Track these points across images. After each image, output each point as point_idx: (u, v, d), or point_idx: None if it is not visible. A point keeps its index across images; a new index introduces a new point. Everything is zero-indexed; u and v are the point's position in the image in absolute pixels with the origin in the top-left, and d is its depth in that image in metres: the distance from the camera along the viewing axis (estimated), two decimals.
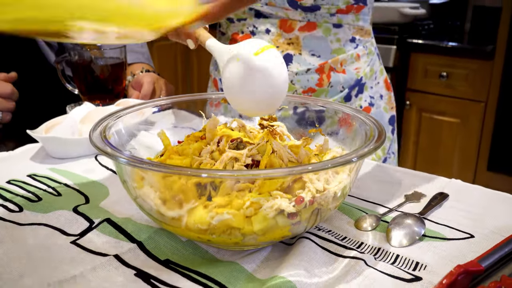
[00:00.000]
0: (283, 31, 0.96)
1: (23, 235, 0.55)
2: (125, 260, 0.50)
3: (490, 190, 0.67)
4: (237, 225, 0.47)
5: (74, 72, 1.03)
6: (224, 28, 1.04)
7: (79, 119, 0.80)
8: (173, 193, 0.48)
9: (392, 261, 0.52)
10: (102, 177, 0.71)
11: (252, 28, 0.98)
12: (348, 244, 0.54)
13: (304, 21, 0.94)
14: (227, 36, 1.03)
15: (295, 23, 0.94)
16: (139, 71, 1.13)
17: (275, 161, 0.53)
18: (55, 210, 0.60)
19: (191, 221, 0.47)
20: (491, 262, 0.46)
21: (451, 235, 0.57)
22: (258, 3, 0.94)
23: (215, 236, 0.48)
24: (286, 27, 0.95)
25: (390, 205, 0.64)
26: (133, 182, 0.50)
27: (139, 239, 0.53)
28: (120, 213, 0.60)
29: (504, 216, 0.61)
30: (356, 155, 0.48)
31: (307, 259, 0.50)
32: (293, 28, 0.95)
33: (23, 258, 0.50)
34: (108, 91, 1.04)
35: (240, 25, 0.99)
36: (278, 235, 0.50)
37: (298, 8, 0.93)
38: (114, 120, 0.58)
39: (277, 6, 0.94)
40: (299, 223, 0.50)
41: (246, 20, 0.98)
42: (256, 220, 0.47)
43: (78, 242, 0.54)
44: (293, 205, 0.48)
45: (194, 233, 0.49)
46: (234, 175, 0.47)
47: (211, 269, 0.48)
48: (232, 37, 1.01)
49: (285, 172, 0.45)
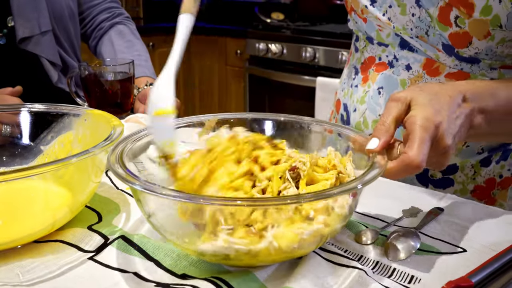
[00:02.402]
0: (426, 73, 0.80)
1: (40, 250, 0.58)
2: (144, 277, 0.54)
3: (483, 205, 0.71)
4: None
5: (84, 86, 1.07)
6: (361, 45, 0.90)
7: None
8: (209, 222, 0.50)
9: (389, 274, 0.55)
10: (112, 193, 0.74)
11: (392, 58, 0.83)
12: (350, 256, 0.58)
13: (455, 69, 0.78)
14: (361, 55, 0.90)
15: (443, 68, 0.79)
16: (144, 85, 1.17)
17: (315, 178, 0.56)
18: (68, 229, 0.63)
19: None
20: (481, 278, 0.50)
21: (445, 249, 0.60)
22: (407, 32, 0.79)
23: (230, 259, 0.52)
24: (432, 69, 0.80)
25: (388, 219, 0.67)
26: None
27: (156, 258, 0.57)
28: (133, 229, 0.63)
29: (496, 231, 0.64)
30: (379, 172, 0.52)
31: (313, 270, 0.53)
32: (439, 72, 0.79)
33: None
34: (117, 105, 1.08)
35: (380, 50, 0.85)
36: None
37: (453, 55, 0.77)
38: (131, 144, 0.61)
39: (428, 43, 0.78)
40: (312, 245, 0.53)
41: (388, 47, 0.84)
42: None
43: (95, 258, 0.58)
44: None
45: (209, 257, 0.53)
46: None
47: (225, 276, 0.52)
48: (368, 61, 0.88)
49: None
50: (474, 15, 0.70)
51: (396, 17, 0.79)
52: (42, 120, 0.74)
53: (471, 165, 0.83)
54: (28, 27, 1.15)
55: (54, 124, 0.73)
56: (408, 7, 0.77)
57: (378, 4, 0.81)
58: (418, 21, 0.77)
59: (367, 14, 0.83)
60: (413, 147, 0.53)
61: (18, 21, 1.14)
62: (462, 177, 0.84)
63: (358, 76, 0.89)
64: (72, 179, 0.62)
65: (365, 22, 0.84)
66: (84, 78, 1.06)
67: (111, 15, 1.38)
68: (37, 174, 0.54)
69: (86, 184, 0.63)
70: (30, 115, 0.75)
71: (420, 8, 0.76)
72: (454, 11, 0.71)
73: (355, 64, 0.91)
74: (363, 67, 0.88)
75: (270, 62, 2.75)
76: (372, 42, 0.86)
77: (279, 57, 2.69)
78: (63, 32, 1.26)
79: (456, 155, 0.83)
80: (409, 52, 0.81)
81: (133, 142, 0.61)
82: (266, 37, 2.74)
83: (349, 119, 0.90)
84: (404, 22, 0.78)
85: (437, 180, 0.85)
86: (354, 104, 0.89)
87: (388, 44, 0.83)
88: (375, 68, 0.86)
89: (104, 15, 1.37)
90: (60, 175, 0.59)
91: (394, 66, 0.83)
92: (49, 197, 0.60)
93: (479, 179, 0.84)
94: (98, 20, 1.37)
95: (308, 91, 2.52)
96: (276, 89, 2.74)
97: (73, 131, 0.73)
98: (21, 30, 1.14)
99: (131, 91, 1.09)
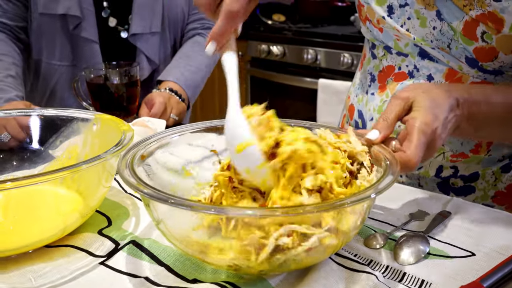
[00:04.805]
0: (449, 83, 0.78)
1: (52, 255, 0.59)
2: (156, 281, 0.54)
3: (490, 208, 0.71)
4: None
5: (90, 90, 1.08)
6: (380, 54, 0.87)
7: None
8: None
9: (400, 278, 0.56)
10: (121, 197, 0.75)
11: (412, 68, 0.81)
12: (360, 261, 0.58)
13: (478, 79, 0.76)
14: (379, 63, 0.87)
15: (466, 78, 0.76)
16: (164, 88, 1.20)
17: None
18: (79, 234, 0.64)
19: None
20: (492, 282, 0.50)
21: (454, 253, 0.61)
22: (428, 43, 0.77)
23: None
24: (454, 79, 0.77)
25: (396, 223, 0.68)
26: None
27: (167, 263, 0.57)
28: (143, 234, 0.64)
29: (504, 234, 0.64)
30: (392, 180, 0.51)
31: (326, 275, 0.54)
32: (462, 82, 0.77)
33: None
34: (123, 108, 1.08)
35: (399, 60, 0.82)
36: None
37: (476, 67, 0.75)
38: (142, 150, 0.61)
39: (450, 55, 0.76)
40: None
41: (407, 57, 0.81)
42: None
43: (106, 263, 0.58)
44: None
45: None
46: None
47: (237, 281, 0.53)
48: (386, 69, 0.85)
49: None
50: (503, 30, 0.69)
51: (415, 28, 0.77)
52: (52, 125, 0.74)
53: (492, 172, 0.83)
54: (141, 25, 1.30)
55: (63, 129, 0.74)
56: (429, 20, 0.75)
57: (396, 15, 0.79)
58: (439, 34, 0.75)
59: (383, 24, 0.81)
60: (411, 148, 0.57)
61: (135, 19, 1.29)
62: (484, 184, 0.84)
63: (375, 83, 0.88)
64: (83, 184, 0.62)
65: (381, 31, 0.83)
66: (90, 82, 1.06)
67: (201, 25, 1.45)
68: (49, 180, 0.54)
69: (97, 189, 0.63)
70: (40, 120, 0.75)
71: (441, 22, 0.74)
72: (481, 27, 0.70)
73: (372, 71, 0.89)
74: (381, 75, 0.86)
75: (272, 64, 2.75)
76: (391, 52, 0.84)
77: (281, 59, 2.69)
78: (172, 33, 1.39)
79: (478, 163, 0.82)
80: (430, 62, 0.79)
81: (143, 148, 0.62)
82: (268, 39, 2.73)
83: (365, 127, 0.90)
84: (424, 34, 0.77)
85: (458, 188, 0.85)
86: (370, 112, 0.88)
87: (408, 53, 0.81)
88: (394, 78, 0.84)
89: (194, 25, 1.45)
90: (71, 181, 0.60)
91: (415, 77, 0.81)
92: (60, 202, 0.61)
93: (500, 185, 0.84)
94: (189, 27, 1.44)
95: (310, 93, 2.52)
96: (278, 91, 2.74)
97: (82, 135, 0.73)
98: (135, 27, 1.29)
99: (137, 94, 1.10)
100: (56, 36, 1.27)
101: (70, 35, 1.26)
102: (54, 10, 1.23)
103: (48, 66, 1.29)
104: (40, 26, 1.26)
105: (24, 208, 0.60)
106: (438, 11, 0.74)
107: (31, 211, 0.59)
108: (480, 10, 0.69)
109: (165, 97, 1.14)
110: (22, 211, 0.59)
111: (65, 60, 1.29)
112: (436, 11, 0.74)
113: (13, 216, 0.58)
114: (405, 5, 0.77)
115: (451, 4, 0.71)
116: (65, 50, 1.28)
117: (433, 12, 0.74)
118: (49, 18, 1.24)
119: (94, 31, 1.26)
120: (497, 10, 0.67)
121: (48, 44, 1.28)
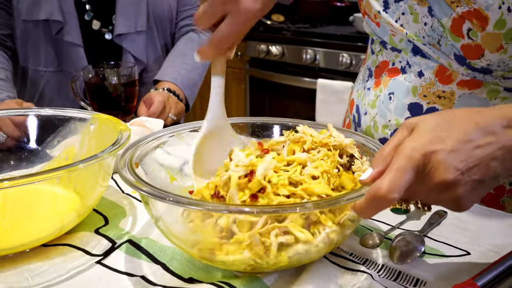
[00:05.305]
0: (438, 80, 0.79)
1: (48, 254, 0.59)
2: (152, 280, 0.54)
3: (486, 207, 0.72)
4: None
5: (88, 89, 1.08)
6: (376, 49, 0.89)
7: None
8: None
9: (395, 277, 0.56)
10: (118, 196, 0.75)
11: (404, 64, 0.82)
12: (356, 260, 0.59)
13: (468, 77, 0.76)
14: (376, 59, 0.89)
15: (456, 75, 0.77)
16: (162, 88, 1.20)
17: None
18: (76, 233, 0.64)
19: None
20: (486, 281, 0.51)
21: (449, 252, 0.61)
22: (420, 39, 0.78)
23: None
24: (444, 76, 0.78)
25: (392, 222, 0.68)
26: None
27: (163, 261, 0.57)
28: (141, 233, 0.64)
29: (499, 233, 0.65)
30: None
31: (321, 274, 0.54)
32: (452, 80, 0.77)
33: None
34: (121, 108, 1.08)
35: (393, 56, 0.84)
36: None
37: (465, 65, 0.75)
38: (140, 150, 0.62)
39: (441, 51, 0.77)
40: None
41: (401, 53, 0.83)
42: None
43: (103, 262, 0.58)
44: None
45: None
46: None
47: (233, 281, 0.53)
48: (382, 65, 0.87)
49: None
50: (487, 28, 0.69)
51: (409, 24, 0.79)
52: (49, 125, 0.75)
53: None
54: (125, 25, 1.28)
55: (60, 128, 0.74)
56: (421, 15, 0.76)
57: (391, 10, 0.80)
58: (430, 30, 0.76)
59: (380, 19, 0.82)
60: (384, 176, 0.47)
61: (119, 19, 1.28)
62: None
63: (372, 79, 0.89)
64: (80, 183, 0.62)
65: (378, 26, 0.84)
66: (88, 81, 1.06)
67: (193, 22, 1.42)
68: (46, 179, 0.54)
69: (93, 189, 0.63)
70: (37, 119, 0.75)
71: (432, 18, 0.75)
72: (467, 24, 0.70)
73: (370, 66, 0.91)
74: (377, 70, 0.87)
75: (271, 64, 2.75)
76: (386, 47, 0.85)
77: (280, 59, 2.69)
78: (160, 31, 1.37)
79: None
80: (422, 58, 0.80)
81: (142, 147, 0.62)
82: (267, 39, 2.74)
83: (360, 121, 0.91)
84: (417, 30, 0.78)
85: None
86: (365, 107, 0.89)
87: (401, 49, 0.82)
88: (387, 73, 0.85)
89: (187, 21, 1.44)
90: (68, 180, 0.60)
91: (407, 72, 0.82)
92: (58, 201, 0.61)
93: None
94: (181, 24, 1.43)
95: (309, 93, 2.52)
96: (277, 91, 2.74)
97: (79, 135, 0.73)
98: (119, 27, 1.28)
99: (135, 94, 1.10)
100: (40, 42, 1.26)
101: (54, 40, 1.25)
102: (36, 16, 1.22)
103: (35, 72, 1.29)
104: (24, 32, 1.26)
105: (21, 207, 0.60)
106: (430, 7, 0.75)
107: (28, 210, 0.60)
108: (466, 7, 0.69)
109: (164, 97, 1.14)
110: (19, 210, 0.59)
111: (50, 65, 1.28)
112: (428, 7, 0.75)
113: (10, 215, 0.58)
114: (400, 0, 0.79)
115: (441, 0, 0.72)
116: (50, 55, 1.27)
117: (425, 8, 0.75)
118: (32, 24, 1.24)
119: (77, 34, 1.25)
120: (482, 8, 0.68)
121: (33, 50, 1.28)
